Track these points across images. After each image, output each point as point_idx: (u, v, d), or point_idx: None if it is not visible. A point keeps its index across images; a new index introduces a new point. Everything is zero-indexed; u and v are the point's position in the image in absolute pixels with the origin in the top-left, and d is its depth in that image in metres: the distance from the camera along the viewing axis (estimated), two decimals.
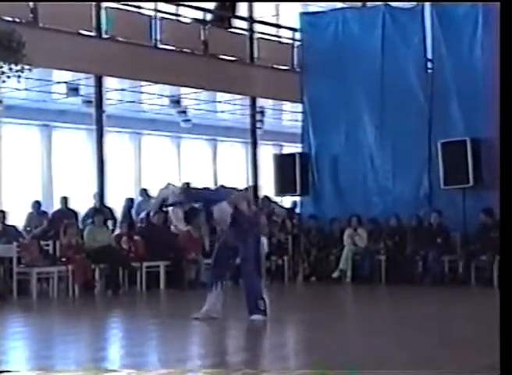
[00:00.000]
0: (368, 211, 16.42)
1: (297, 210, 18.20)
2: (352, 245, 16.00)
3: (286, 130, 22.43)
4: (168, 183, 10.40)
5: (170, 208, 15.04)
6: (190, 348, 8.82)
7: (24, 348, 8.94)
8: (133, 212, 17.32)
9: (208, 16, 18.95)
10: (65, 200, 16.50)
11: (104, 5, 16.58)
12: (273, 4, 21.47)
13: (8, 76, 13.65)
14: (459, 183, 15.28)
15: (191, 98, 19.24)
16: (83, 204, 16.86)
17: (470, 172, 15.14)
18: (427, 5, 16.46)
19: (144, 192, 17.70)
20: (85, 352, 8.27)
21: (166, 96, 19.25)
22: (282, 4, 21.52)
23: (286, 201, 19.16)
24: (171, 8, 18.45)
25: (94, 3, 16.43)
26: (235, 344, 9.03)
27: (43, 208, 16.61)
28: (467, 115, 15.66)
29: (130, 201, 17.44)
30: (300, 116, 18.57)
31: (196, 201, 9.82)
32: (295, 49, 19.63)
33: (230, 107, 20.77)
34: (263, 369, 7.18)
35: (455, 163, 15.27)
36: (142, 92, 18.74)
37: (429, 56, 16.46)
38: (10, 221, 15.15)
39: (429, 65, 16.52)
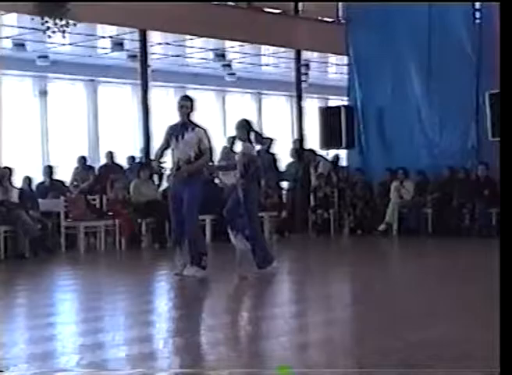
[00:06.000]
0: (414, 163, 16.24)
1: (341, 163, 18.10)
2: (398, 198, 15.91)
3: (331, 82, 22.25)
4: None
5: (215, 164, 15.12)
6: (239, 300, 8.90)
7: (74, 300, 9.10)
8: None
9: None
10: (110, 154, 16.63)
11: None
12: None
13: (54, 32, 13.70)
14: None
15: (236, 51, 19.15)
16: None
17: None
18: None
19: None
20: (133, 304, 8.36)
21: (211, 50, 19.16)
22: None
23: (331, 154, 19.07)
24: None
25: None
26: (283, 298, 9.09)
27: (89, 163, 16.72)
28: None
29: None
30: (345, 69, 18.40)
31: None
32: (340, 1, 19.37)
33: (275, 60, 20.63)
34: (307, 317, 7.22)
35: None
36: (186, 46, 18.66)
37: (477, 6, 16.15)
38: (57, 176, 15.31)
39: (477, 15, 16.21)
